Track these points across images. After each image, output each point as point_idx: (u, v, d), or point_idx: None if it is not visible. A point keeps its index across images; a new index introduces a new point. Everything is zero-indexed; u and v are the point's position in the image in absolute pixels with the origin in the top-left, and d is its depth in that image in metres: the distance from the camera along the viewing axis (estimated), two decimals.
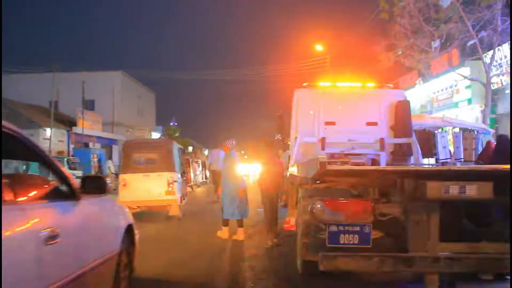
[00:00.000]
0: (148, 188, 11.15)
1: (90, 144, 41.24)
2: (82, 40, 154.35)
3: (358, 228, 4.51)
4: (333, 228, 4.52)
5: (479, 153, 14.24)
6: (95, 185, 4.59)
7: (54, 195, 3.95)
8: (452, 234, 4.70)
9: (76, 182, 4.30)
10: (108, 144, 45.64)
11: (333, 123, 9.97)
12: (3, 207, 2.85)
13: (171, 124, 61.36)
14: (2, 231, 2.75)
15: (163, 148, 14.80)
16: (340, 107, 10.10)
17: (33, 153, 3.91)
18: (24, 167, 22.65)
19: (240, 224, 10.44)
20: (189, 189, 19.67)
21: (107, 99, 50.79)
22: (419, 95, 27.79)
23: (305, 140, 9.79)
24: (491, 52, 19.56)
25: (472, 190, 4.01)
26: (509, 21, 18.25)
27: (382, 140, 9.85)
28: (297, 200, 7.65)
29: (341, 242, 4.55)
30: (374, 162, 9.70)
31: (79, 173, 25.88)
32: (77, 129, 39.49)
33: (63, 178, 4.18)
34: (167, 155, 14.37)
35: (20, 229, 3.06)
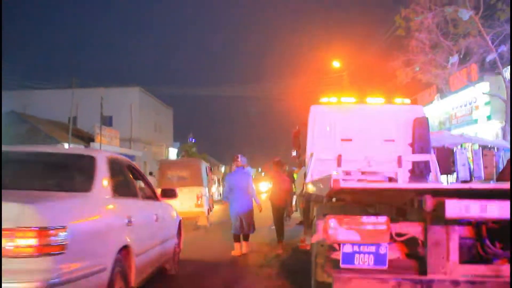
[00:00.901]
0: (180, 201, 11.51)
1: None
2: (100, 56, 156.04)
3: (373, 249, 4.30)
4: (347, 249, 4.32)
5: (500, 171, 13.99)
6: (169, 193, 7.82)
7: (154, 197, 7.51)
8: (472, 256, 4.49)
9: (158, 191, 7.83)
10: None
11: (349, 140, 9.85)
12: (147, 201, 6.92)
13: (189, 140, 61.39)
14: (146, 212, 6.68)
15: (193, 166, 17.46)
16: (357, 123, 9.94)
17: (139, 175, 7.33)
18: None
19: (245, 238, 10.90)
20: None
21: (125, 115, 51.05)
22: (437, 111, 27.50)
23: (321, 157, 9.64)
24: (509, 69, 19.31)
25: (493, 209, 3.81)
26: None
27: (399, 158, 9.65)
28: (312, 218, 7.60)
29: (356, 263, 4.34)
30: (392, 180, 9.56)
31: None
32: (95, 145, 39.57)
33: (152, 189, 7.66)
34: (197, 172, 16.88)
35: (149, 211, 6.79)
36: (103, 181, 5.35)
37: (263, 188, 40.38)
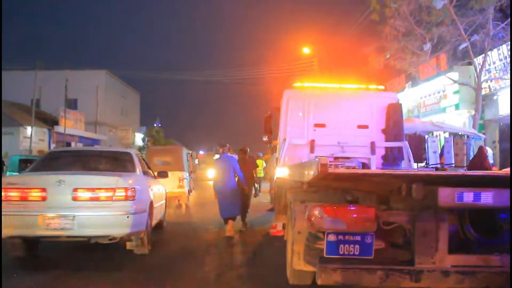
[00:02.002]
0: (165, 183, 12.76)
1: (72, 144, 40.50)
2: (66, 38, 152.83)
3: (359, 238, 4.08)
4: (332, 238, 4.09)
5: (470, 158, 14.05)
6: (163, 174, 11.14)
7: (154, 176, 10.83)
8: (458, 245, 4.32)
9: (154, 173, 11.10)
10: (90, 144, 44.86)
11: (323, 125, 9.75)
12: (153, 178, 10.62)
13: (156, 125, 60.73)
14: (155, 184, 10.37)
15: (176, 153, 20.25)
16: (331, 109, 9.82)
17: (146, 162, 11.03)
18: None
19: (232, 218, 11.51)
20: None
21: (91, 98, 50.26)
22: (407, 99, 27.60)
23: (294, 142, 9.57)
24: (481, 57, 19.35)
25: (487, 197, 3.62)
26: (501, 26, 18.07)
27: (373, 144, 9.66)
28: (285, 204, 7.42)
29: (341, 252, 4.11)
30: (364, 166, 9.49)
31: None
32: (59, 128, 38.77)
33: (152, 171, 10.98)
34: (179, 158, 19.61)
35: (156, 184, 10.41)
36: (139, 166, 9.49)
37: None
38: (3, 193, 7.53)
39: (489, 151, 13.69)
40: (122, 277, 7.33)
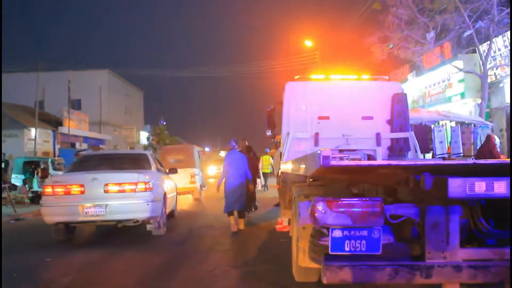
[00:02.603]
0: (178, 179, 15.26)
1: (77, 144, 40.40)
2: (68, 39, 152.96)
3: (366, 233, 3.88)
4: (337, 233, 3.88)
5: (478, 147, 13.84)
6: (173, 171, 13.42)
7: (166, 172, 13.12)
8: (469, 238, 4.11)
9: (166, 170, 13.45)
10: (95, 144, 44.88)
11: (326, 118, 9.58)
12: (165, 174, 12.80)
13: (160, 123, 60.66)
14: (167, 179, 12.60)
15: (187, 151, 21.97)
16: (334, 100, 9.65)
17: (158, 161, 13.35)
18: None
19: (240, 215, 11.72)
20: None
21: (94, 99, 50.22)
22: (411, 89, 27.34)
23: (298, 136, 9.41)
24: (486, 44, 19.09)
25: (500, 187, 3.41)
26: (506, 11, 17.79)
27: (378, 135, 9.48)
28: (290, 199, 7.28)
29: (346, 249, 3.90)
30: (370, 158, 9.35)
31: None
32: (63, 129, 38.73)
33: (164, 168, 13.33)
34: (190, 156, 21.31)
35: (167, 179, 12.66)
36: (154, 164, 11.62)
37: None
38: (51, 189, 10.00)
39: (497, 140, 13.49)
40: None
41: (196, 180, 20.35)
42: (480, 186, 3.42)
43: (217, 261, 8.32)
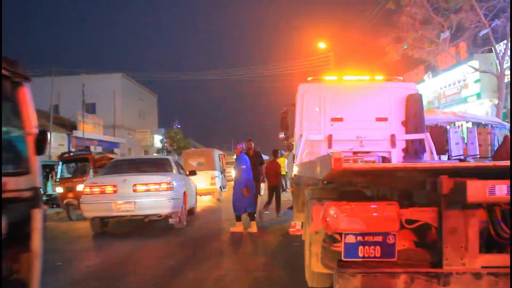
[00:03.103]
0: (199, 180, 17.86)
1: (92, 148, 40.49)
2: (82, 43, 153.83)
3: (380, 238, 3.71)
4: (351, 239, 3.72)
5: (496, 148, 13.58)
6: (192, 173, 15.41)
7: (186, 174, 15.08)
8: (488, 244, 3.92)
9: (186, 172, 15.44)
10: (109, 147, 44.98)
11: (340, 119, 9.44)
12: (185, 176, 14.68)
13: (175, 126, 60.67)
14: (186, 180, 14.52)
15: (208, 154, 23.49)
16: (348, 102, 9.53)
17: (179, 164, 15.56)
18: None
19: (252, 218, 11.97)
20: None
21: (108, 102, 50.38)
22: (426, 90, 27.03)
23: (311, 138, 9.29)
24: (503, 44, 18.80)
25: None
26: None
27: (393, 137, 9.34)
28: (303, 202, 7.11)
29: (360, 255, 3.73)
30: (385, 160, 9.19)
31: None
32: (78, 133, 38.91)
33: (184, 170, 15.36)
34: (211, 159, 22.77)
35: (187, 180, 14.57)
36: (175, 167, 13.51)
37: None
38: (89, 189, 11.95)
39: None
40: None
41: (216, 181, 21.74)
42: (500, 189, 3.24)
43: (230, 265, 8.27)
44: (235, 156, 12.83)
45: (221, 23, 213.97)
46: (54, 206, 19.72)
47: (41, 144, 4.21)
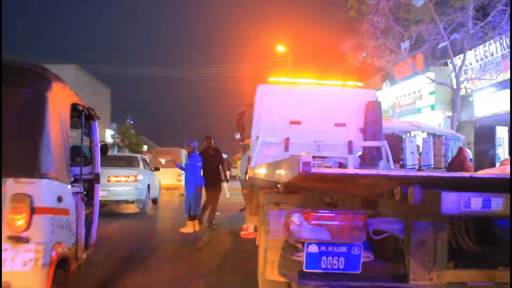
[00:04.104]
0: (166, 176, 22.18)
1: None
2: (33, 30, 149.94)
3: (345, 249, 3.47)
4: (313, 249, 3.48)
5: (449, 159, 13.68)
6: (156, 168, 19.05)
7: (151, 170, 18.76)
8: (452, 258, 3.74)
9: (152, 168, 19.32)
10: None
11: (298, 123, 9.26)
12: (147, 171, 17.67)
13: (127, 122, 59.66)
14: (152, 175, 18.60)
15: (176, 153, 25.21)
16: (307, 105, 9.36)
17: (146, 160, 19.81)
18: None
19: (192, 218, 11.80)
20: None
21: None
22: (382, 99, 27.22)
23: (267, 140, 9.01)
24: (458, 58, 19.08)
25: (498, 204, 3.05)
26: (480, 25, 17.78)
27: (350, 143, 9.19)
28: (257, 205, 6.97)
29: (323, 266, 3.49)
30: (341, 166, 9.08)
31: None
32: None
33: (150, 166, 19.41)
34: (178, 157, 23.92)
35: (155, 175, 19.00)
36: (141, 163, 17.15)
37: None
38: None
39: (469, 153, 13.36)
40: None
41: (181, 178, 22.72)
42: (476, 203, 3.06)
43: (180, 267, 7.99)
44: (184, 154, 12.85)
45: (181, 21, 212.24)
46: None
47: (103, 150, 7.36)
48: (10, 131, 4.31)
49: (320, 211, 3.45)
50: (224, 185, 15.11)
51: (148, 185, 16.50)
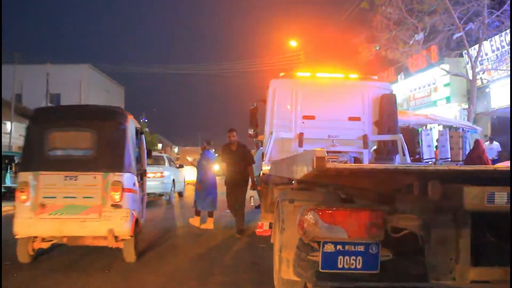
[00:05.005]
0: (192, 174, 19.43)
1: None
2: (48, 31, 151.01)
3: (362, 248, 3.33)
4: (329, 248, 3.34)
5: (467, 152, 13.47)
6: (181, 165, 22.26)
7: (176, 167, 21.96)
8: (478, 255, 3.58)
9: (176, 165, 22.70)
10: None
11: (312, 117, 9.20)
12: (172, 168, 20.60)
13: (142, 120, 59.83)
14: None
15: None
16: (320, 100, 9.30)
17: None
18: None
19: (211, 215, 11.79)
20: None
21: (74, 93, 49.26)
22: (398, 92, 26.99)
23: (281, 136, 9.01)
24: (473, 48, 18.79)
25: None
26: (496, 14, 17.47)
27: (365, 137, 9.11)
28: (272, 202, 6.85)
29: (340, 266, 3.35)
30: (357, 160, 8.95)
31: None
32: None
33: (175, 164, 22.72)
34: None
35: (179, 172, 21.85)
36: (167, 162, 20.52)
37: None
38: None
39: (486, 145, 13.15)
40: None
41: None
42: (500, 197, 2.91)
43: (194, 267, 7.85)
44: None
45: (195, 18, 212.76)
46: (12, 198, 19.02)
47: (148, 153, 10.17)
48: (109, 147, 7.80)
49: (335, 208, 3.32)
50: (250, 192, 12.31)
51: (173, 180, 19.23)
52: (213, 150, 14.06)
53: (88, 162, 7.69)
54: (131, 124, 8.43)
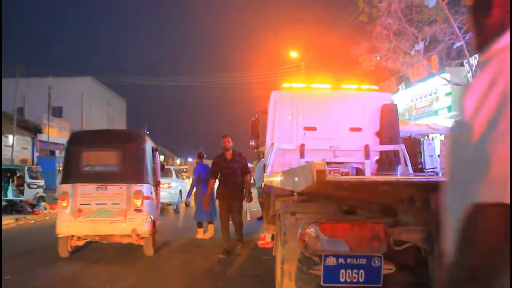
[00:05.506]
0: None
1: (57, 153, 39.38)
2: (50, 44, 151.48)
3: (365, 261, 3.29)
4: (331, 261, 3.30)
5: None
6: (187, 177, 27.19)
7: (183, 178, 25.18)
8: None
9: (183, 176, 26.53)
10: None
11: (313, 128, 9.16)
12: (179, 179, 23.21)
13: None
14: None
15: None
16: (321, 110, 9.27)
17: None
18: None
19: (211, 222, 12.62)
20: None
21: (76, 106, 49.36)
22: (399, 102, 26.96)
23: (282, 147, 8.93)
24: (475, 57, 18.74)
25: None
26: None
27: (367, 147, 9.05)
28: (274, 214, 6.90)
29: (342, 279, 3.31)
30: (359, 171, 8.91)
31: (42, 182, 23.87)
32: (43, 137, 37.82)
33: (182, 176, 26.02)
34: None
35: (186, 183, 24.12)
36: (174, 173, 23.09)
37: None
38: None
39: None
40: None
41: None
42: None
43: (198, 280, 7.79)
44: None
45: (194, 29, 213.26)
46: (13, 212, 19.01)
47: (162, 167, 12.02)
48: (131, 163, 9.85)
49: (337, 221, 3.28)
50: (245, 205, 11.08)
51: (180, 191, 21.02)
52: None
53: (115, 176, 9.62)
54: (148, 144, 10.34)
